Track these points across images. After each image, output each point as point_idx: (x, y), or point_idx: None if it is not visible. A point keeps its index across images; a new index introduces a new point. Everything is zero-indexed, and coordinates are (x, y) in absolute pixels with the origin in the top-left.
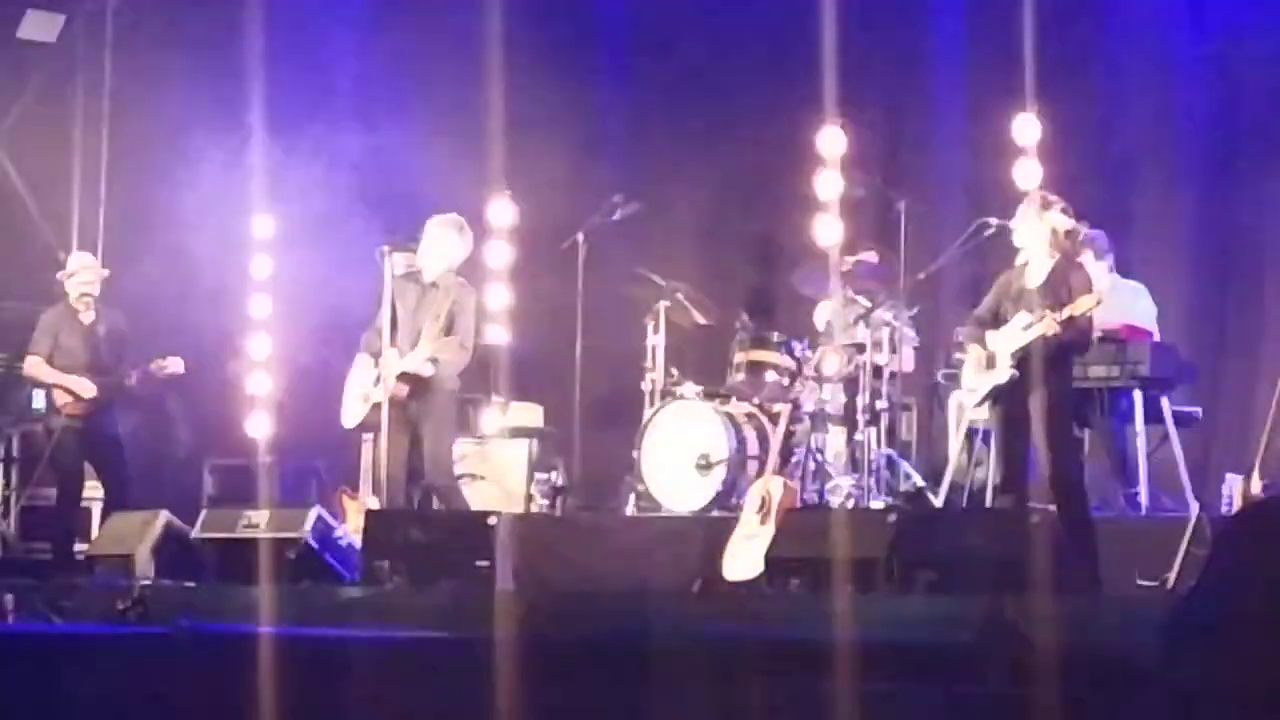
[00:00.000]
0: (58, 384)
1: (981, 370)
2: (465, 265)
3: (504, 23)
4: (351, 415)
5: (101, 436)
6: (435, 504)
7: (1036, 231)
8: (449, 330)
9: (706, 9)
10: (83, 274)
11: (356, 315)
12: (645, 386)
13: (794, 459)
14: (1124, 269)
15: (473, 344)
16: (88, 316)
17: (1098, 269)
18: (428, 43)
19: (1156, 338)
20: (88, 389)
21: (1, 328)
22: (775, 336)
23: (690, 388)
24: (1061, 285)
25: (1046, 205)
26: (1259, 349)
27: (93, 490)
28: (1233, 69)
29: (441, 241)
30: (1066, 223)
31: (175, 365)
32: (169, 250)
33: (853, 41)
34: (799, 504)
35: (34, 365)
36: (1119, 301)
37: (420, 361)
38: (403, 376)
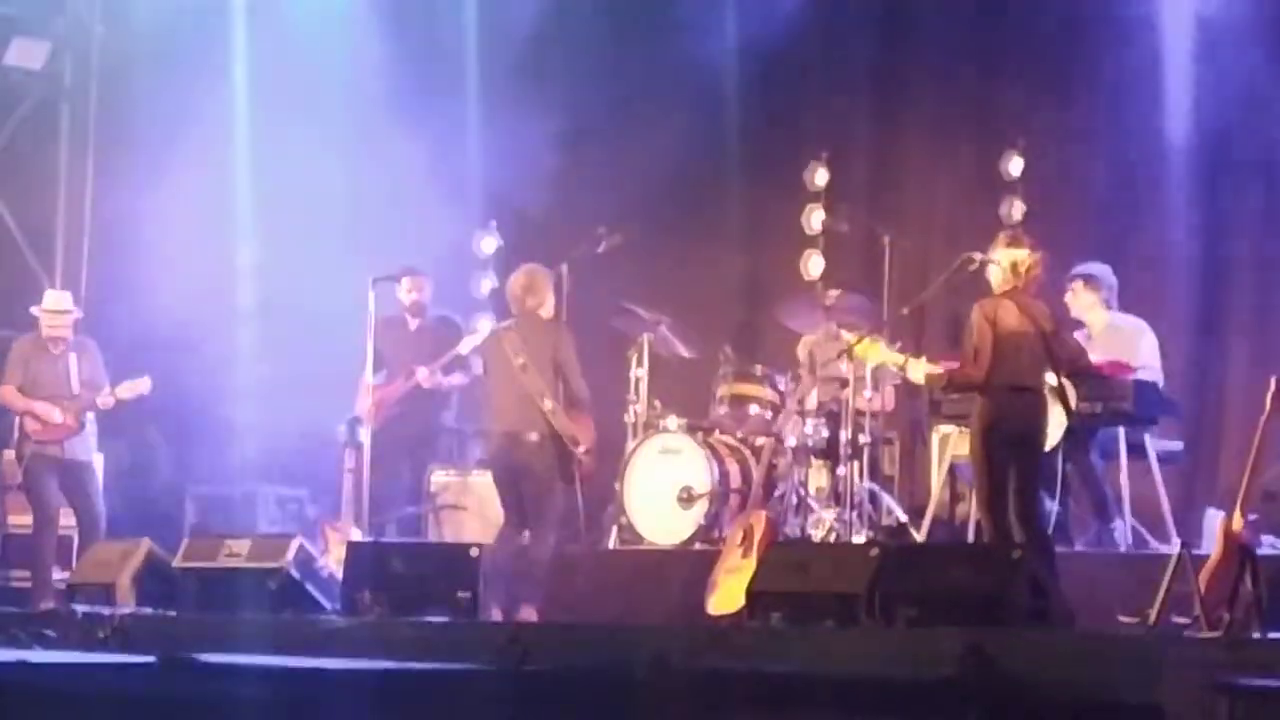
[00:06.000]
0: (27, 411)
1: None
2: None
3: (490, 56)
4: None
5: (73, 463)
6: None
7: (995, 268)
8: None
9: (693, 43)
10: (54, 318)
11: (340, 346)
12: (628, 419)
13: (777, 493)
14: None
15: None
16: (58, 346)
17: (1087, 300)
18: (415, 74)
19: (1160, 372)
20: (55, 416)
21: None
22: (759, 370)
23: (673, 421)
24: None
25: (1010, 242)
26: (1242, 383)
27: (70, 517)
28: (1221, 103)
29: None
30: (1018, 254)
31: (143, 385)
32: (154, 277)
33: (838, 75)
34: (781, 538)
35: (4, 393)
36: (1115, 338)
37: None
38: None
